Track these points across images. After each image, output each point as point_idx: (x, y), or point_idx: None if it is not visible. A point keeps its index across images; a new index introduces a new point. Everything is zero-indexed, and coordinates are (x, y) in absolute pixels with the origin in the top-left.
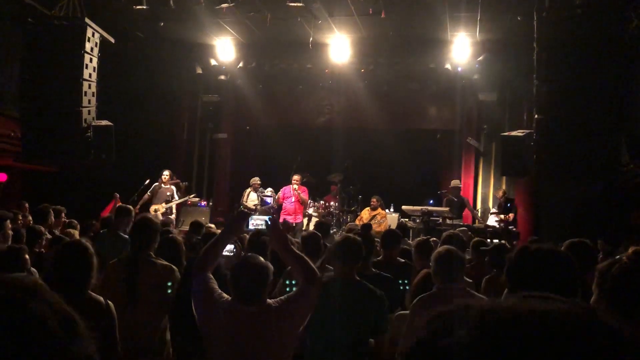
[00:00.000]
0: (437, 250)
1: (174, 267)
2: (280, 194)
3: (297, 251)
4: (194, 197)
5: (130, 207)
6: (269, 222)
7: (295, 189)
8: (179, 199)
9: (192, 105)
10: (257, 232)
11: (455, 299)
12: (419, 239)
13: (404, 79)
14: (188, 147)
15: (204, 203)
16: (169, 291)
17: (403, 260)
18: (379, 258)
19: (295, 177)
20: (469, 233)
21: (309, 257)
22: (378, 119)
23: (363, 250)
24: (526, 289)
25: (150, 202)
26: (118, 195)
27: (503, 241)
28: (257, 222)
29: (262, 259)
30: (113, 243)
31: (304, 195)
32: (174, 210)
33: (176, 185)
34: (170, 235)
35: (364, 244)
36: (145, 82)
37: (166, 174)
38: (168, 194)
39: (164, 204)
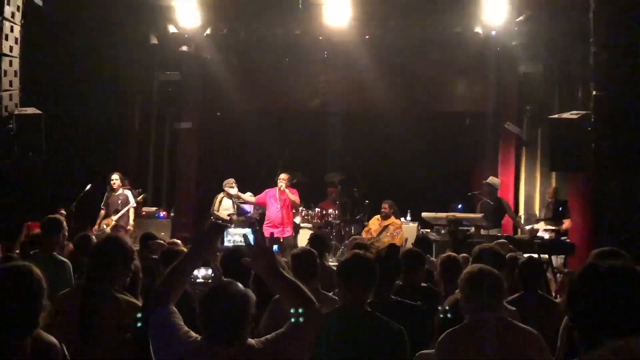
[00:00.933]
0: (468, 270)
1: (139, 304)
2: (261, 197)
3: (289, 275)
4: (141, 198)
5: (61, 218)
6: (251, 237)
7: (282, 189)
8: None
9: (146, 86)
10: (234, 250)
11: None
12: (444, 255)
13: (421, 48)
14: (141, 141)
15: (163, 214)
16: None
17: (425, 285)
18: (400, 283)
19: (283, 176)
20: (510, 247)
21: (300, 282)
22: (388, 101)
23: (377, 272)
24: (600, 325)
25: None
26: (64, 212)
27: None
28: (234, 237)
29: (240, 286)
30: (47, 268)
31: (295, 197)
32: (131, 222)
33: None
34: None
35: (389, 267)
36: (83, 57)
37: (115, 177)
38: (119, 201)
39: (112, 217)
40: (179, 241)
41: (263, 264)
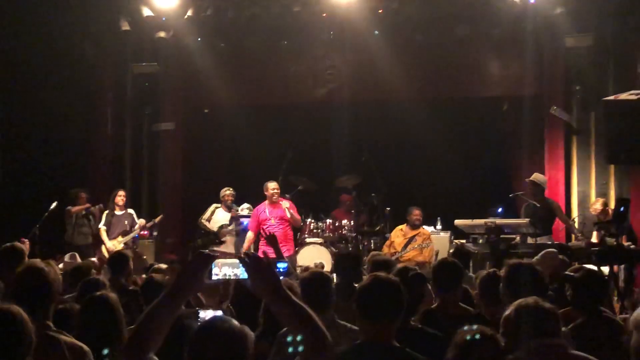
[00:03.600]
0: (514, 306)
1: (85, 347)
2: (253, 224)
3: (297, 299)
4: (159, 219)
5: (22, 247)
6: (248, 260)
7: (284, 206)
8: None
9: (118, 80)
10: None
11: None
12: (484, 273)
13: (445, 22)
14: (115, 146)
15: (137, 234)
16: None
17: (465, 307)
18: (432, 306)
19: (272, 186)
20: (561, 257)
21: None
22: (408, 88)
23: (404, 298)
24: None
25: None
26: (26, 241)
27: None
28: (223, 269)
29: (235, 322)
30: None
31: (296, 215)
32: (130, 245)
33: (87, 210)
34: (100, 293)
35: (407, 291)
36: (40, 51)
37: (122, 195)
38: (126, 222)
39: (119, 238)
40: (164, 265)
41: (263, 281)
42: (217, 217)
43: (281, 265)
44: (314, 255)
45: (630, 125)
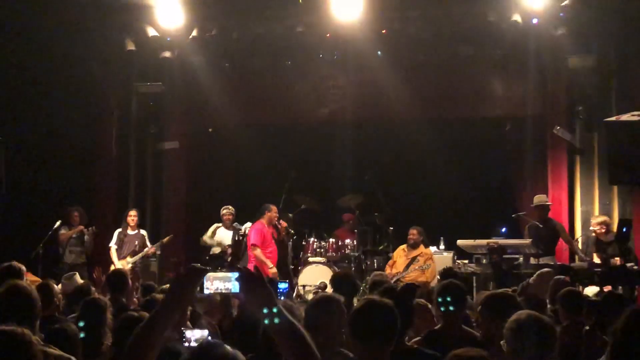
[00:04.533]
0: (514, 317)
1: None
2: (254, 237)
3: (291, 317)
4: (168, 239)
5: (19, 266)
6: (241, 276)
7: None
8: (152, 246)
9: (123, 100)
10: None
11: None
12: (487, 293)
13: (448, 43)
14: (120, 165)
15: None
16: None
17: (468, 330)
18: (436, 327)
19: (273, 209)
20: (562, 278)
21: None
22: (411, 107)
23: (398, 322)
24: None
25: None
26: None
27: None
28: (216, 283)
29: (228, 348)
30: None
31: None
32: (139, 265)
33: (80, 232)
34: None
35: (402, 312)
36: (47, 70)
37: (134, 214)
38: (136, 242)
39: (128, 259)
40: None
41: (256, 296)
42: (219, 236)
43: (282, 286)
44: (317, 275)
45: (633, 146)
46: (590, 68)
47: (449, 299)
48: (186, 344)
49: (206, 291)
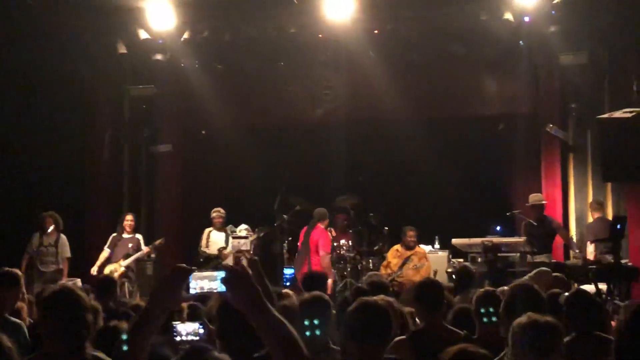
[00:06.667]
0: (518, 321)
1: None
2: (327, 244)
3: (279, 315)
4: (159, 242)
5: (17, 272)
6: (227, 274)
7: None
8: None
9: (115, 103)
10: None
11: None
12: (481, 291)
13: (440, 42)
14: (113, 168)
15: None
16: None
17: (452, 329)
18: (419, 328)
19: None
20: (557, 275)
21: None
22: (404, 107)
23: (392, 321)
24: None
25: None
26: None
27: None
28: (200, 282)
29: (215, 353)
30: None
31: None
32: (134, 268)
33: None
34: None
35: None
36: (40, 70)
37: (130, 218)
38: (130, 245)
39: (121, 262)
40: None
41: (242, 293)
42: (213, 239)
43: (287, 272)
44: None
45: (625, 143)
46: (582, 65)
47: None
48: (177, 338)
49: (192, 291)
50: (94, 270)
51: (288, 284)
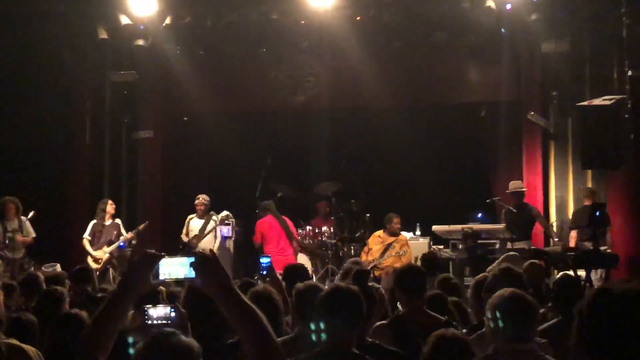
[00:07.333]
0: (498, 294)
1: (25, 348)
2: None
3: (247, 300)
4: (143, 227)
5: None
6: (196, 260)
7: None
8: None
9: (96, 89)
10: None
11: None
12: (479, 276)
13: (423, 29)
14: (93, 154)
15: (123, 242)
16: None
17: (433, 314)
18: (398, 312)
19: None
20: (534, 262)
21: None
22: (386, 94)
23: (363, 307)
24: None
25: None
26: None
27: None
28: (169, 269)
29: (183, 337)
30: None
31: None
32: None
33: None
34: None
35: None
36: (20, 57)
37: (111, 204)
38: (115, 232)
39: (105, 248)
40: None
41: (212, 280)
42: (192, 226)
43: (264, 260)
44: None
45: (605, 130)
46: (563, 53)
47: (408, 283)
48: (148, 322)
49: (161, 276)
50: (91, 262)
51: (264, 272)
